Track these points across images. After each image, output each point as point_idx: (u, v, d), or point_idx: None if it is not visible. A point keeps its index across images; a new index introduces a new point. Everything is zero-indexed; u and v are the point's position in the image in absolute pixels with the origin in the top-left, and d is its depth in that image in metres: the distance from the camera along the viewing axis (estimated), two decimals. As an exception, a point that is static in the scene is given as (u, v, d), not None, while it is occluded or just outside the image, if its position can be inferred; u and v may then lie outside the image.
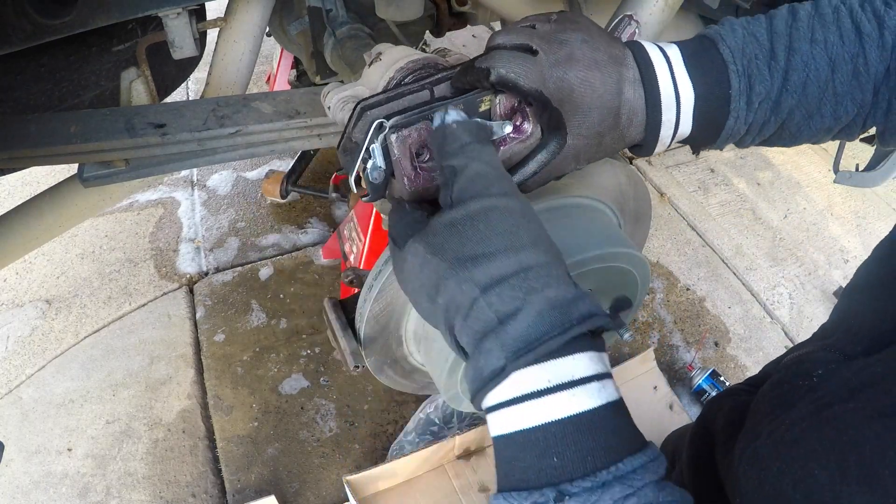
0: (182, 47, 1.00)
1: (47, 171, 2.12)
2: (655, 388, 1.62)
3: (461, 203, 0.47)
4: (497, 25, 2.43)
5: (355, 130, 0.60)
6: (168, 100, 1.21)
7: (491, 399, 0.45)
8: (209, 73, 1.09)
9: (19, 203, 1.07)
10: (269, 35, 1.52)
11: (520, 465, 0.43)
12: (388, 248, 0.53)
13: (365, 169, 0.56)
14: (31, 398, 1.61)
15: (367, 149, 0.55)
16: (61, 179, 1.06)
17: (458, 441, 1.40)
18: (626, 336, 0.84)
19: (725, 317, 1.92)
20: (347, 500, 1.34)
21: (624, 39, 0.64)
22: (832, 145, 2.18)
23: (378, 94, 0.61)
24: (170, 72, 1.36)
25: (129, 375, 1.66)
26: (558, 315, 0.43)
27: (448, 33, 1.65)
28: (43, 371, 1.67)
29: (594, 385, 0.43)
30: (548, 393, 0.43)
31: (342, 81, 0.73)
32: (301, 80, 2.05)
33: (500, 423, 0.45)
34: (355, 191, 0.59)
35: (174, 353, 1.71)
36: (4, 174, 1.18)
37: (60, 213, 1.07)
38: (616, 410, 0.44)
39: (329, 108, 0.75)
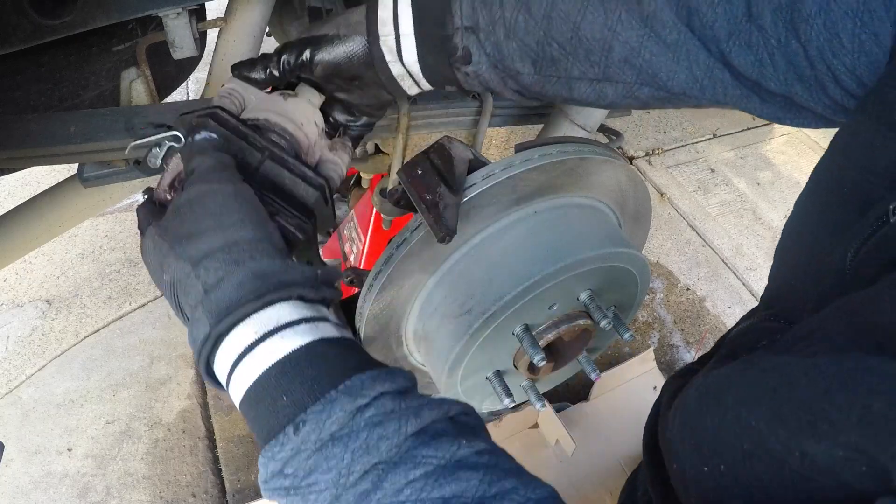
0: (182, 47, 1.00)
1: (47, 171, 2.12)
2: (655, 388, 1.62)
3: (184, 190, 0.53)
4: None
5: (185, 117, 0.67)
6: (168, 100, 1.21)
7: (219, 369, 0.47)
8: (209, 73, 1.08)
9: (19, 203, 1.07)
10: (269, 35, 1.52)
11: (263, 419, 0.44)
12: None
13: (150, 150, 0.65)
14: (31, 398, 1.61)
15: (161, 142, 0.65)
16: (61, 179, 1.07)
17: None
18: (626, 336, 0.84)
19: (725, 317, 1.92)
20: (347, 500, 1.34)
21: None
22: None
23: (233, 120, 0.65)
24: (170, 72, 1.36)
25: (129, 375, 1.66)
26: (259, 283, 0.47)
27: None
28: (43, 371, 1.67)
29: (303, 325, 0.46)
30: (258, 343, 0.45)
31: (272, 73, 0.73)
32: (301, 80, 2.05)
33: (235, 390, 0.47)
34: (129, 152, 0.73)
35: (174, 353, 1.71)
36: (4, 174, 1.18)
37: (60, 213, 1.07)
38: (337, 344, 0.47)
39: (223, 85, 0.74)
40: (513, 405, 0.88)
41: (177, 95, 2.00)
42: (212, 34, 1.06)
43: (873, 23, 0.48)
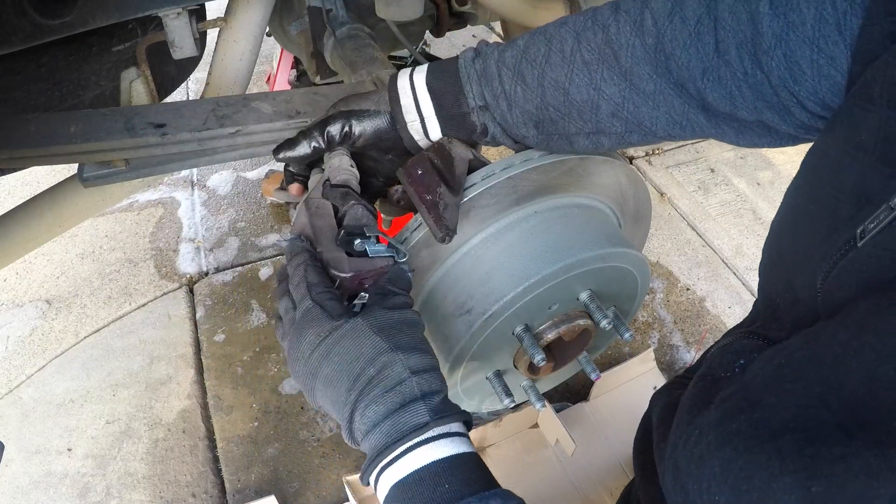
0: (182, 47, 1.00)
1: (47, 171, 2.12)
2: (655, 388, 1.61)
3: (396, 310, 0.61)
4: (497, 25, 2.43)
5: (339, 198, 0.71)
6: (168, 100, 1.21)
7: (399, 466, 0.55)
8: (209, 73, 1.09)
9: (19, 203, 1.07)
10: (269, 35, 1.52)
11: (419, 497, 0.52)
12: (303, 306, 0.62)
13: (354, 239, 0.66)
14: (31, 398, 1.61)
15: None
16: (61, 179, 1.06)
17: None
18: (626, 336, 0.84)
19: (726, 317, 1.92)
20: (347, 500, 1.34)
21: None
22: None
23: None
24: (170, 72, 1.36)
25: (129, 375, 1.66)
26: (452, 405, 0.59)
27: (448, 33, 1.65)
28: (43, 371, 1.67)
29: (467, 440, 0.58)
30: (437, 440, 0.55)
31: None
32: (301, 80, 2.05)
33: (409, 464, 0.55)
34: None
35: (174, 353, 1.71)
36: (4, 174, 1.18)
37: (60, 213, 1.07)
38: (479, 459, 0.57)
39: (331, 160, 0.76)
40: (513, 405, 0.88)
41: (177, 95, 2.00)
42: (212, 34, 1.07)
43: (829, 47, 0.50)
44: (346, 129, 0.74)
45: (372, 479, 0.56)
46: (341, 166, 0.74)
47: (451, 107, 0.72)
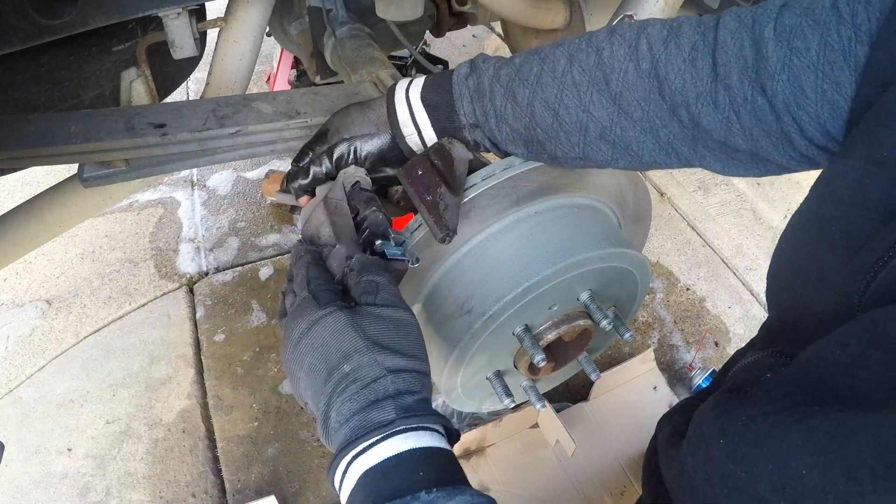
0: (182, 47, 1.00)
1: (47, 171, 2.12)
2: (655, 388, 1.62)
3: (385, 307, 0.61)
4: (497, 26, 2.43)
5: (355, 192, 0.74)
6: (168, 100, 1.21)
7: (367, 457, 0.55)
8: (209, 73, 1.09)
9: (19, 203, 1.07)
10: (269, 35, 1.52)
11: (395, 482, 0.52)
12: (299, 297, 0.63)
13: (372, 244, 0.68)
14: (31, 398, 1.61)
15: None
16: (61, 179, 1.06)
17: (459, 441, 1.40)
18: (627, 336, 0.84)
19: (725, 317, 1.92)
20: (347, 500, 1.34)
21: None
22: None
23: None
24: (170, 72, 1.36)
25: (129, 375, 1.66)
26: (428, 406, 0.59)
27: (448, 33, 1.65)
28: (43, 371, 1.67)
29: (439, 436, 0.58)
30: (413, 431, 0.56)
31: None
32: (301, 80, 2.05)
33: (370, 459, 0.55)
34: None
35: (174, 352, 1.71)
36: (4, 174, 1.18)
37: (60, 213, 1.07)
38: (448, 455, 0.57)
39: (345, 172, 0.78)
40: (513, 405, 0.88)
41: (177, 95, 2.00)
42: (212, 34, 1.06)
43: (834, 73, 0.51)
44: (353, 154, 0.78)
45: (337, 478, 0.56)
46: (357, 174, 0.76)
47: (444, 121, 0.74)
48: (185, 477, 1.48)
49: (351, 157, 0.78)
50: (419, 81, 0.76)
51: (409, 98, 0.75)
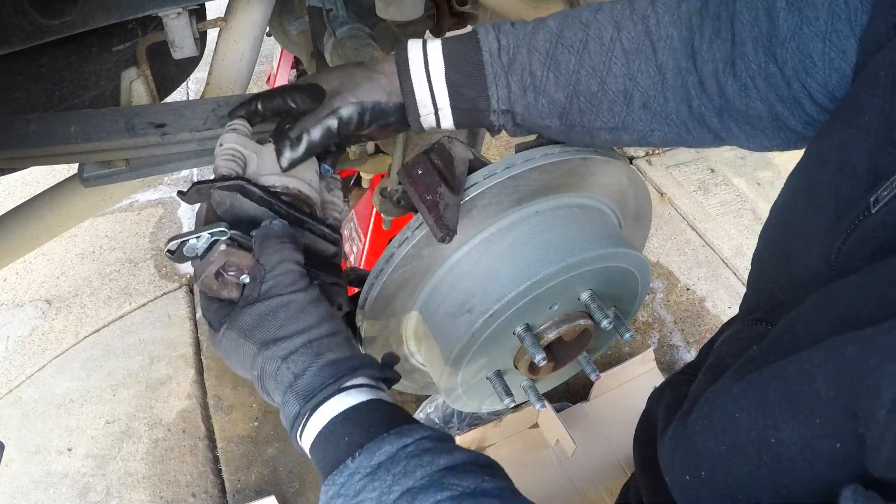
0: (182, 47, 0.99)
1: (47, 171, 2.12)
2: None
3: (265, 299, 0.61)
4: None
5: (215, 196, 0.66)
6: (168, 100, 1.20)
7: (305, 441, 0.58)
8: (209, 73, 1.08)
9: (19, 203, 1.07)
10: (269, 35, 1.52)
11: (329, 456, 0.55)
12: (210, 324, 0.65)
13: (186, 240, 0.63)
14: (31, 398, 1.61)
15: (200, 234, 0.63)
16: (61, 179, 1.06)
17: (458, 441, 1.40)
18: (627, 336, 0.84)
19: (725, 317, 1.92)
20: (347, 500, 1.34)
21: None
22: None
23: (256, 189, 0.66)
24: (170, 72, 1.36)
25: (129, 375, 1.66)
26: (336, 369, 0.58)
27: (448, 33, 1.65)
28: (43, 371, 1.67)
29: (365, 389, 0.58)
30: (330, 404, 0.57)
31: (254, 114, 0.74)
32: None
33: (307, 440, 0.58)
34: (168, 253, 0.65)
35: (174, 352, 1.71)
36: (4, 174, 1.18)
37: (60, 213, 1.06)
38: (391, 405, 0.58)
39: (221, 144, 0.71)
40: (513, 405, 0.88)
41: (177, 95, 2.00)
42: (212, 34, 1.06)
43: (840, 41, 0.53)
44: (360, 119, 0.71)
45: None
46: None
47: (468, 102, 0.70)
48: (185, 477, 1.48)
49: (355, 122, 0.71)
50: (437, 53, 0.70)
51: (430, 76, 0.69)
